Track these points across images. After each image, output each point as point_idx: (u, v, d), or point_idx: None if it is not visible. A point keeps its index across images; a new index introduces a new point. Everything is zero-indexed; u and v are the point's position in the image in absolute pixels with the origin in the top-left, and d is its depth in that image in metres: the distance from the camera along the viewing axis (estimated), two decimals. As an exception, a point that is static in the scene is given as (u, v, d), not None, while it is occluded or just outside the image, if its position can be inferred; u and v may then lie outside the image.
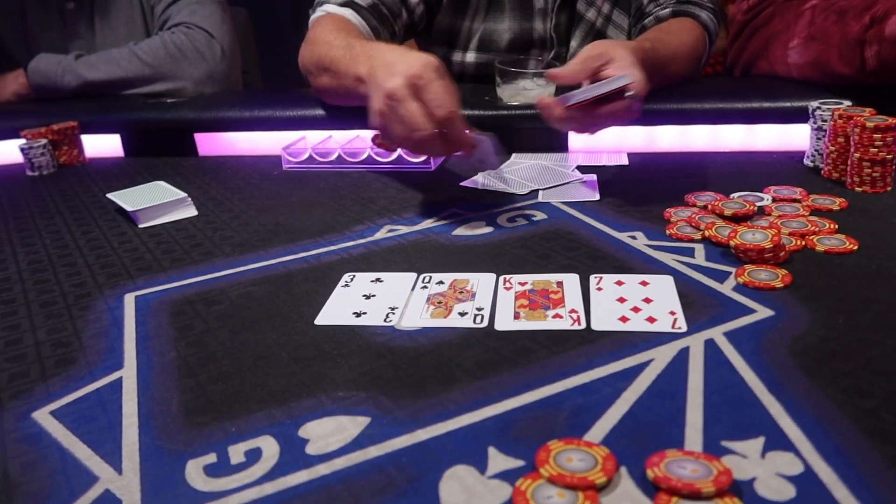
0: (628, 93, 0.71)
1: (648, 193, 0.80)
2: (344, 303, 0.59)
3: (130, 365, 0.52)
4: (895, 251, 0.62)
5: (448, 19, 1.13)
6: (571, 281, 0.60)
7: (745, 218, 0.70)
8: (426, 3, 1.10)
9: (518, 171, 0.89)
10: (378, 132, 0.94)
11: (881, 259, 0.61)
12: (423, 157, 0.92)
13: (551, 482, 0.37)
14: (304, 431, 0.43)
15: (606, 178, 0.86)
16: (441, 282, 0.61)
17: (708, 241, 0.66)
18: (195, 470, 0.40)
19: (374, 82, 0.72)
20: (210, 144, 1.10)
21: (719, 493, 0.35)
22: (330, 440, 0.42)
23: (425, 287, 0.60)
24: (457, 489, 0.37)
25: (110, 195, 0.86)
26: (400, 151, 0.93)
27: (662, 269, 0.61)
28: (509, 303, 0.57)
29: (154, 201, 0.82)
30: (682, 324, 0.52)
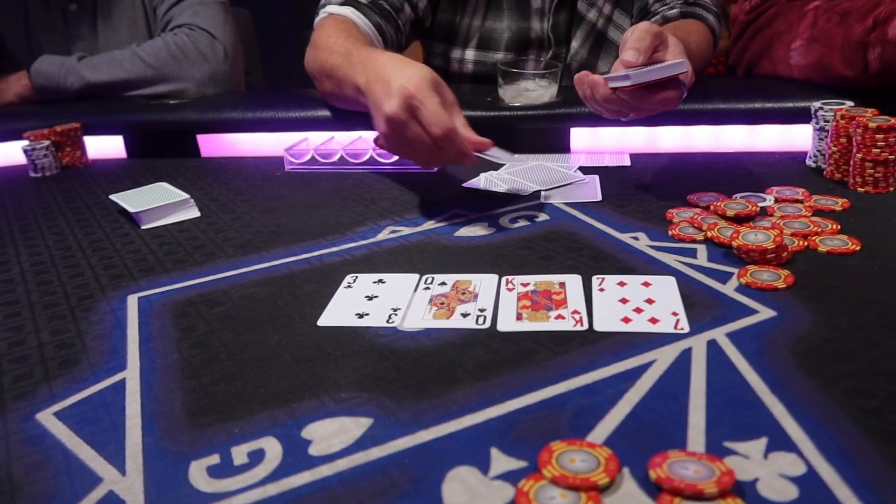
0: (680, 81, 0.68)
1: (650, 194, 0.80)
2: (346, 304, 0.59)
3: (133, 366, 0.52)
4: (898, 252, 0.62)
5: (448, 16, 1.13)
6: (574, 282, 0.60)
7: (748, 218, 0.70)
8: None
9: (520, 172, 0.89)
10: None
11: (884, 259, 0.61)
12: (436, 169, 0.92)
13: (554, 483, 0.37)
14: (307, 433, 0.43)
15: (608, 179, 0.86)
16: (443, 283, 0.61)
17: (710, 242, 0.66)
18: (198, 471, 0.40)
19: (373, 101, 0.73)
20: (212, 146, 1.10)
21: (722, 494, 0.35)
22: (332, 441, 0.42)
23: (428, 288, 0.60)
24: (459, 490, 0.37)
25: (113, 196, 0.87)
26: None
27: (665, 270, 0.61)
28: (512, 304, 0.57)
29: (157, 203, 0.82)
30: (685, 324, 0.52)
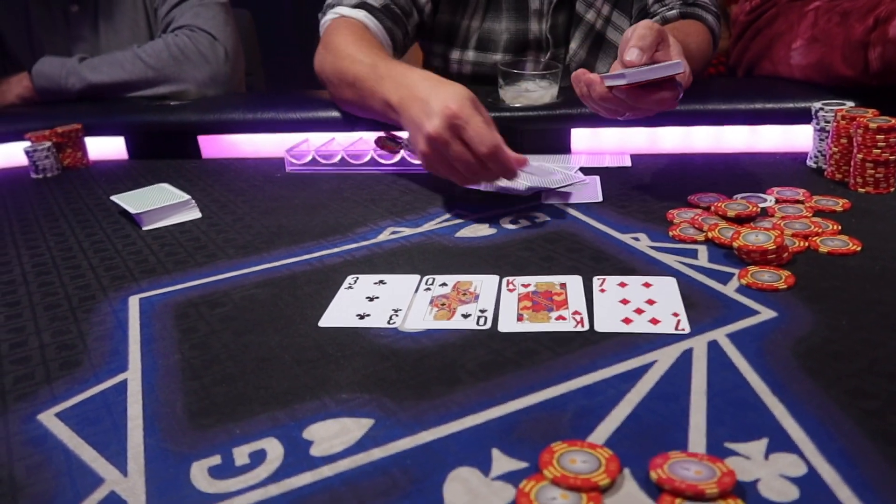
0: (677, 82, 0.69)
1: (651, 195, 0.80)
2: (347, 305, 0.59)
3: (135, 367, 0.52)
4: (899, 252, 0.62)
5: (448, 17, 1.13)
6: (574, 282, 0.60)
7: (749, 219, 0.70)
8: (434, 1, 1.10)
9: (521, 173, 0.89)
10: (380, 135, 0.95)
11: (885, 260, 0.61)
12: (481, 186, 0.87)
13: (555, 484, 0.37)
14: (308, 433, 0.43)
15: (609, 180, 0.86)
16: (444, 283, 0.61)
17: (711, 243, 0.66)
18: (200, 472, 0.41)
19: (411, 120, 0.73)
20: (213, 147, 1.10)
21: (723, 495, 0.35)
22: (334, 442, 0.42)
23: (428, 289, 0.60)
24: (460, 491, 0.37)
25: (114, 198, 0.87)
26: (403, 153, 0.93)
27: (665, 271, 0.61)
28: (512, 304, 0.57)
29: (158, 204, 0.82)
30: (686, 325, 0.52)
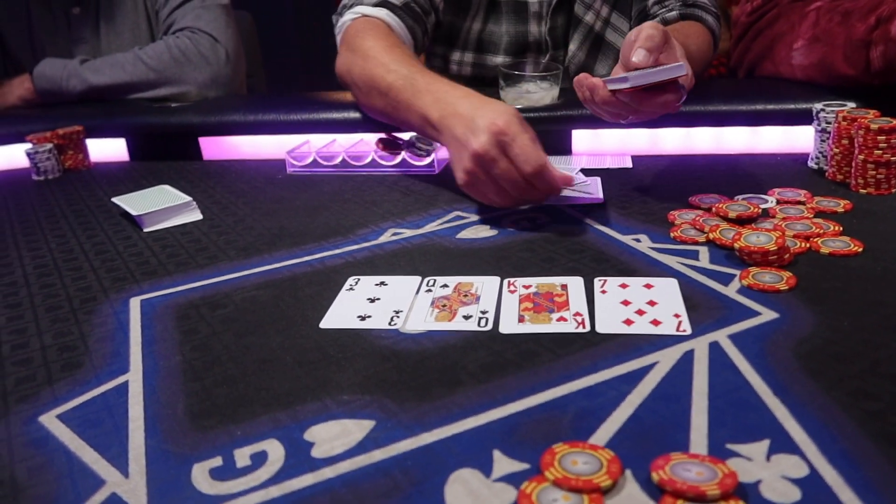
0: (680, 84, 0.68)
1: (652, 196, 0.80)
2: (348, 306, 0.59)
3: (136, 369, 0.52)
4: (900, 253, 0.62)
5: (449, 19, 1.13)
6: (576, 284, 0.60)
7: (750, 220, 0.70)
8: (445, 1, 1.10)
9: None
10: (381, 136, 0.95)
11: (886, 261, 0.61)
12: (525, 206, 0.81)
13: (556, 485, 0.37)
14: (310, 435, 0.43)
15: (610, 181, 0.86)
16: (445, 285, 0.61)
17: (712, 244, 0.66)
18: (201, 473, 0.41)
19: (455, 138, 0.72)
20: (214, 148, 1.10)
21: (724, 496, 0.35)
22: (335, 444, 0.42)
23: (430, 290, 0.60)
24: (462, 492, 0.37)
25: (115, 199, 0.87)
26: (404, 154, 0.93)
27: (666, 272, 0.61)
28: (514, 306, 0.57)
29: (159, 205, 0.82)
30: (687, 326, 0.52)
